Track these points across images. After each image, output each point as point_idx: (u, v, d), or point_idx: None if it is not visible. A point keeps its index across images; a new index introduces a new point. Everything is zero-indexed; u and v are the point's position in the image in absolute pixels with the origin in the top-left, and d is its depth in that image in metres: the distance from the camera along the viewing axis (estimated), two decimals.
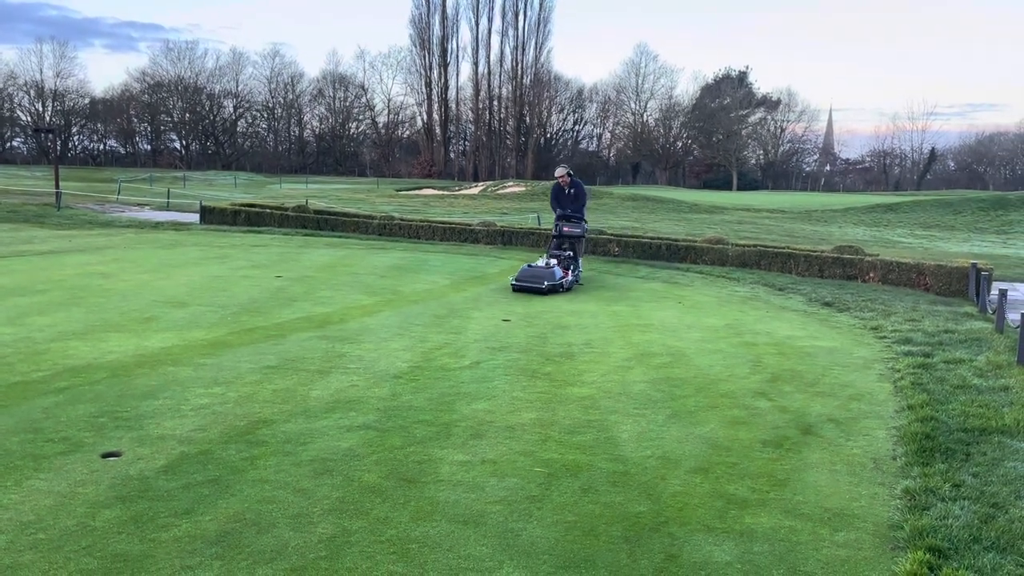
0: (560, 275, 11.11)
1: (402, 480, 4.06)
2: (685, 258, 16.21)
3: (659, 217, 32.29)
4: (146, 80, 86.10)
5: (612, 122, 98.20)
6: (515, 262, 15.73)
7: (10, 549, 3.15)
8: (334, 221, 22.04)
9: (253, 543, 3.29)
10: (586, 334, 8.25)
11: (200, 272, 12.21)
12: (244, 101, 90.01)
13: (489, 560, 3.23)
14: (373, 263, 14.67)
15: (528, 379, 6.28)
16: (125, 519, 3.47)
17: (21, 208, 24.81)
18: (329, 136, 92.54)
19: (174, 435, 4.60)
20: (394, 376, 6.24)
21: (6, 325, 7.49)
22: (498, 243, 18.91)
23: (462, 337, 7.91)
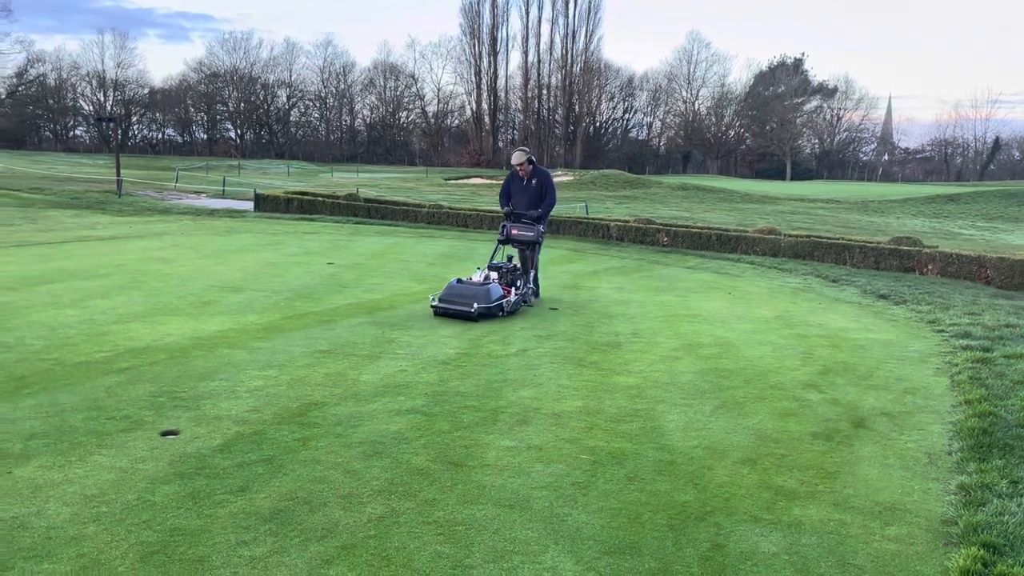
0: (498, 294, 8.17)
1: (449, 464, 4.12)
2: (736, 248, 15.99)
3: (709, 207, 31.87)
4: (203, 70, 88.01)
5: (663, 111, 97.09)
6: (562, 251, 15.71)
7: (74, 521, 3.29)
8: (384, 209, 22.28)
9: (305, 521, 3.38)
10: (633, 324, 8.21)
11: (254, 258, 12.48)
12: (297, 91, 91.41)
13: (535, 544, 3.26)
14: (422, 251, 14.80)
15: (574, 367, 6.29)
16: (183, 495, 3.59)
17: (84, 195, 25.64)
18: (379, 125, 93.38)
19: (230, 415, 4.74)
20: (442, 362, 6.30)
21: (70, 307, 7.78)
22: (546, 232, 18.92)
23: (509, 325, 7.95)
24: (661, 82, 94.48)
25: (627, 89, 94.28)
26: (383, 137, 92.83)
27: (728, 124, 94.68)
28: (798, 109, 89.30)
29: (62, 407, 4.72)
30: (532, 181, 9.31)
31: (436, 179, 54.52)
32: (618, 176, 47.19)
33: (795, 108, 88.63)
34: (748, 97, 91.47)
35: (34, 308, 7.66)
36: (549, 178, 9.39)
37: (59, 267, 10.60)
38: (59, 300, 8.13)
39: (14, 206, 21.15)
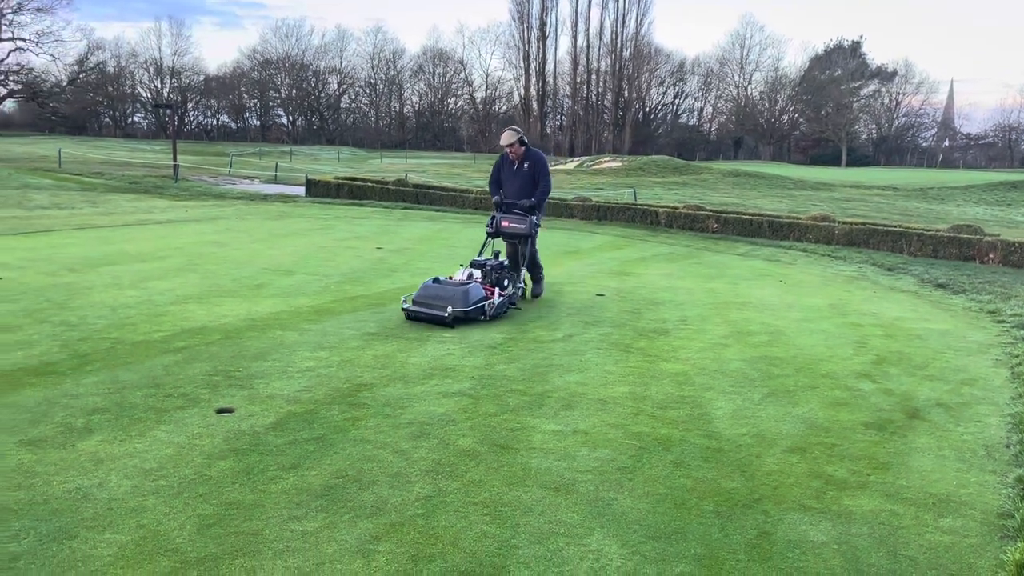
0: (478, 296, 7.06)
1: (495, 446, 4.15)
2: (788, 236, 15.70)
3: (761, 193, 31.31)
4: (256, 57, 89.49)
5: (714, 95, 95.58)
6: (609, 237, 15.62)
7: (135, 493, 3.41)
8: (432, 195, 22.42)
9: (354, 498, 3.45)
10: (681, 311, 8.14)
11: (306, 242, 12.69)
12: (347, 77, 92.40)
13: (580, 527, 3.28)
14: (469, 236, 14.86)
15: (621, 353, 6.27)
16: (238, 470, 3.70)
17: (142, 180, 26.34)
18: (428, 111, 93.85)
19: (282, 395, 4.85)
20: (488, 346, 6.34)
21: (130, 288, 8.02)
22: (593, 218, 18.81)
23: (555, 310, 7.95)
24: (713, 66, 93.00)
25: (678, 74, 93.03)
26: (431, 123, 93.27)
27: (782, 109, 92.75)
28: (855, 93, 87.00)
29: (123, 384, 4.89)
30: (524, 165, 8.24)
31: (483, 165, 54.60)
32: (667, 162, 46.64)
33: (852, 92, 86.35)
34: (803, 81, 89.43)
35: (96, 289, 7.93)
36: (543, 161, 8.32)
37: (119, 249, 10.93)
38: (119, 281, 8.39)
39: (76, 190, 21.84)
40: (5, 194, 19.40)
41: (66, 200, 18.95)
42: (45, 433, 4.04)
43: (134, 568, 2.80)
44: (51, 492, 3.37)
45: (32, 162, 32.24)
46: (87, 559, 2.84)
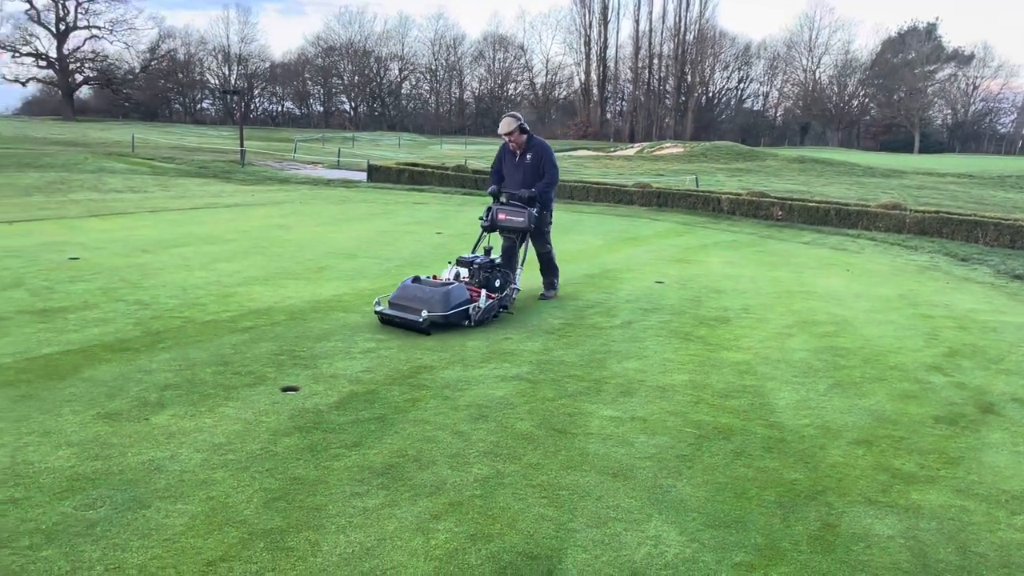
0: (460, 298, 6.18)
1: (553, 430, 4.16)
2: (856, 224, 15.26)
3: (828, 180, 30.47)
4: (319, 44, 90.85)
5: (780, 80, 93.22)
6: (670, 224, 15.43)
7: (204, 466, 3.53)
8: None
9: (414, 477, 3.50)
10: (744, 299, 8.00)
11: (367, 227, 12.88)
12: (409, 64, 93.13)
13: (638, 512, 3.27)
14: None
15: (680, 341, 6.20)
16: (302, 447, 3.79)
17: (211, 164, 27.07)
18: (488, 97, 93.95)
19: (344, 375, 4.94)
20: (546, 332, 6.34)
21: (200, 270, 8.27)
22: (653, 205, 18.60)
23: (614, 297, 7.90)
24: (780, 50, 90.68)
25: (743, 58, 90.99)
26: (491, 109, 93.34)
27: (851, 94, 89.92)
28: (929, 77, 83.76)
29: (193, 361, 5.05)
30: (527, 156, 7.30)
31: None
32: (730, 148, 45.73)
33: (926, 76, 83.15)
34: (874, 65, 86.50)
35: (167, 269, 8.20)
36: (548, 151, 7.34)
37: (189, 232, 11.27)
38: (189, 263, 8.66)
39: (148, 174, 22.58)
40: (82, 178, 20.18)
41: (139, 184, 19.61)
42: (121, 407, 4.21)
43: (204, 538, 2.90)
44: (126, 463, 3.52)
45: (107, 147, 33.44)
46: (160, 528, 2.96)
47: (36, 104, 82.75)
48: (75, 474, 3.37)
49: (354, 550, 2.86)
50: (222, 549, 2.82)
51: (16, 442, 3.68)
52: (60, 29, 73.45)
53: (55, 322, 5.88)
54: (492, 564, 2.82)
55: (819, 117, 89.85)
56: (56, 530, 2.90)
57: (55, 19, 72.99)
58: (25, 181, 18.63)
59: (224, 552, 2.80)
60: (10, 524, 2.92)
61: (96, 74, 77.82)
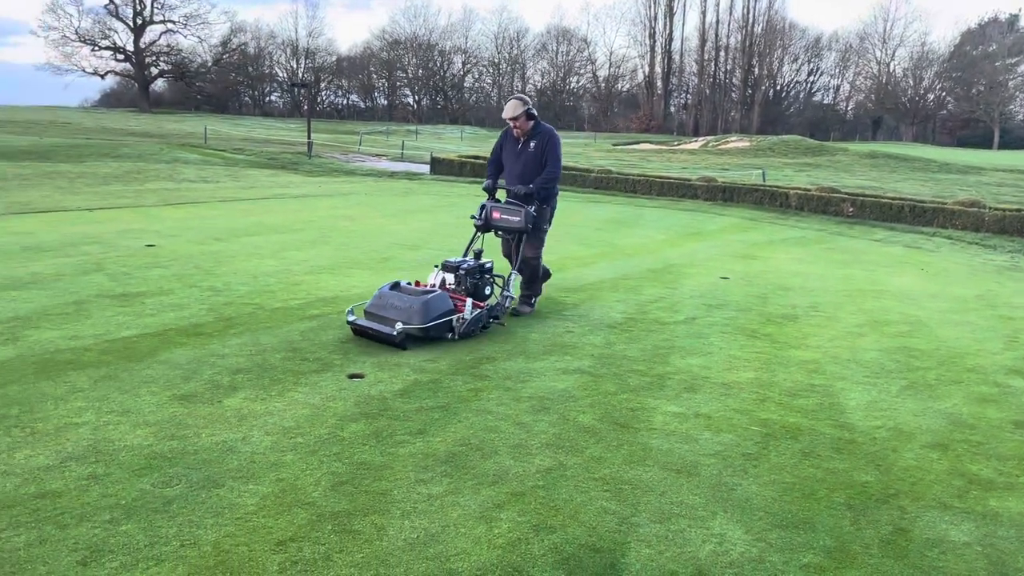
0: (442, 309, 5.49)
1: (615, 424, 4.14)
2: (931, 222, 14.74)
3: (902, 176, 29.48)
4: (385, 38, 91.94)
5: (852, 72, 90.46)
6: (735, 219, 15.16)
7: (275, 449, 3.63)
8: None
9: (477, 466, 3.53)
10: (812, 297, 7.81)
11: (430, 218, 13.01)
12: (472, 57, 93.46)
13: (702, 510, 3.23)
14: (589, 215, 14.80)
15: (746, 338, 6.09)
16: (368, 433, 3.86)
17: (279, 156, 27.70)
18: (549, 91, 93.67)
19: (408, 363, 5.01)
20: (608, 326, 6.31)
21: (270, 258, 8.48)
22: (718, 199, 18.30)
23: (677, 292, 7.81)
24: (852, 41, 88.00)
25: (813, 50, 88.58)
26: (552, 102, 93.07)
27: (927, 87, 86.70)
28: (1011, 70, 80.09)
29: (263, 347, 5.19)
30: (531, 143, 6.43)
31: (604, 144, 54.08)
32: (799, 142, 44.64)
33: (1008, 69, 79.53)
34: (952, 57, 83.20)
35: (239, 257, 8.43)
36: (554, 140, 6.44)
37: (259, 221, 11.56)
38: (260, 251, 8.88)
39: (220, 165, 23.24)
40: (157, 168, 20.89)
41: (211, 174, 20.20)
42: (195, 389, 4.35)
43: (275, 518, 2.98)
44: (200, 443, 3.63)
45: (180, 138, 34.54)
46: (233, 507, 3.05)
47: (113, 96, 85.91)
48: (152, 453, 3.50)
49: (419, 535, 2.90)
50: (292, 529, 2.89)
51: (97, 421, 3.84)
52: (137, 23, 76.06)
53: (133, 306, 6.11)
54: (555, 555, 2.82)
55: (892, 111, 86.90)
56: (135, 506, 3.02)
57: (132, 14, 75.62)
58: (104, 170, 19.38)
59: (294, 532, 2.87)
60: (92, 499, 3.05)
61: (170, 67, 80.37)
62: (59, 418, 3.84)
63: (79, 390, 4.23)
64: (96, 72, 78.47)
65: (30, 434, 3.63)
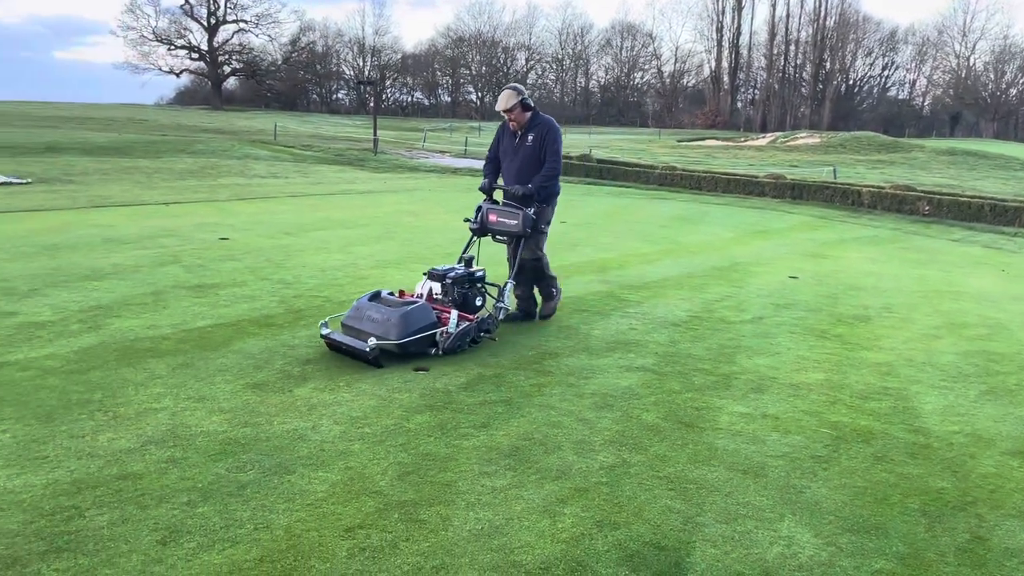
0: (423, 322, 4.96)
1: (680, 423, 4.10)
2: (1013, 221, 14.12)
3: (982, 174, 28.31)
4: (449, 35, 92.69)
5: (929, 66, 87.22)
6: (804, 217, 14.81)
7: (343, 438, 3.71)
8: (615, 170, 22.28)
9: (540, 461, 3.54)
10: (885, 298, 7.58)
11: None
12: (535, 53, 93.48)
13: (769, 511, 3.17)
14: (653, 212, 14.65)
15: (816, 339, 5.95)
16: (432, 425, 3.91)
17: (345, 152, 28.21)
18: (613, 87, 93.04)
19: (472, 358, 5.05)
20: (672, 324, 6.25)
21: (337, 252, 8.65)
22: (787, 197, 17.90)
23: (744, 291, 7.67)
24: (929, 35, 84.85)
25: (888, 43, 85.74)
26: (616, 98, 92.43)
27: (1010, 82, 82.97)
28: None
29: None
30: (528, 137, 5.82)
31: (669, 141, 53.42)
32: (872, 139, 43.29)
33: None
34: None
35: (307, 251, 8.63)
36: (553, 133, 5.82)
37: (326, 216, 11.81)
38: (327, 245, 9.07)
39: (289, 161, 23.79)
40: (229, 163, 21.51)
41: (280, 170, 20.71)
42: (267, 378, 4.47)
43: (344, 505, 3.05)
44: (272, 431, 3.74)
45: (251, 134, 35.48)
46: (303, 493, 3.13)
47: (187, 94, 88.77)
48: (227, 438, 3.62)
49: (483, 527, 2.93)
50: (360, 517, 2.96)
51: (175, 407, 3.99)
52: (211, 23, 78.51)
53: (208, 297, 6.31)
54: (619, 552, 2.81)
55: (972, 107, 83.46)
56: (211, 489, 3.12)
57: (207, 13, 78.10)
58: (180, 166, 20.06)
59: (362, 520, 2.93)
60: (171, 481, 3.18)
61: (242, 66, 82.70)
62: (139, 403, 4.00)
63: (158, 377, 4.40)
64: (172, 71, 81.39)
65: (112, 418, 3.80)
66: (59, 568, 2.53)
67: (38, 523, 2.79)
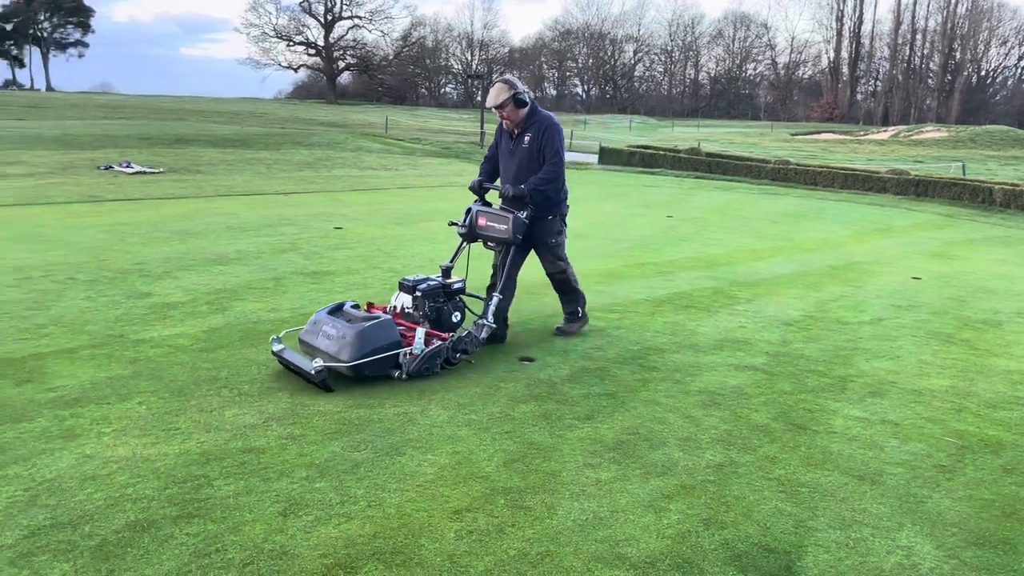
0: (382, 341, 4.28)
1: (791, 425, 3.98)
2: None
3: None
4: (557, 28, 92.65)
5: None
6: (929, 215, 14.04)
7: (451, 423, 3.80)
8: (725, 164, 21.73)
9: (645, 456, 3.52)
10: (1019, 302, 7.11)
11: (597, 208, 13.02)
12: (644, 45, 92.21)
13: (887, 520, 3.04)
14: (765, 208, 14.22)
15: (940, 343, 5.64)
16: (537, 414, 3.95)
17: (453, 146, 28.69)
18: (724, 78, 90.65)
19: (576, 350, 5.06)
20: (784, 323, 6.06)
21: (443, 243, 8.82)
22: (910, 194, 16.99)
23: (862, 291, 7.35)
24: None
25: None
26: (727, 91, 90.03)
27: None
28: None
29: None
30: (525, 138, 5.06)
31: (781, 134, 51.61)
32: (1005, 133, 40.47)
33: None
34: None
35: (416, 241, 8.85)
36: (553, 131, 5.04)
37: (435, 208, 12.06)
38: (436, 236, 9.27)
39: (400, 154, 24.41)
40: (343, 156, 22.27)
41: (391, 162, 21.28)
42: None
43: (451, 488, 3.12)
44: (384, 413, 3.87)
45: (363, 128, 36.58)
46: (413, 474, 3.23)
47: (303, 89, 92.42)
48: (342, 419, 3.77)
49: (588, 518, 2.94)
50: (467, 500, 3.02)
51: (294, 386, 4.18)
52: (327, 20, 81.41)
53: (324, 283, 6.58)
54: (726, 551, 2.77)
55: None
56: (327, 466, 3.27)
57: (323, 10, 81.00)
58: (297, 158, 20.92)
59: (469, 503, 3.00)
60: (290, 456, 3.34)
61: (355, 61, 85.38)
62: (261, 382, 4.22)
63: None
64: (290, 66, 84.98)
65: (237, 395, 4.02)
66: (190, 532, 2.71)
67: (171, 489, 3.00)
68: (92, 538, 2.64)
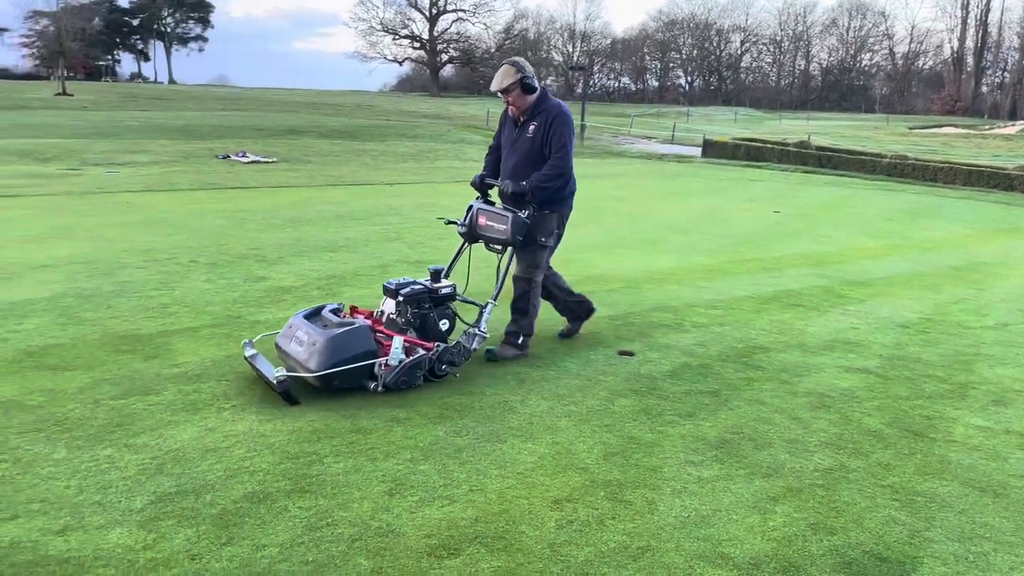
0: (353, 350, 3.86)
1: (907, 431, 3.81)
2: None
3: None
4: (661, 19, 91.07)
5: None
6: None
7: (550, 413, 3.82)
8: (837, 159, 20.89)
9: (750, 456, 3.44)
10: None
11: (700, 202, 12.76)
12: (752, 35, 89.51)
13: (1011, 535, 2.87)
14: (879, 205, 13.60)
15: None
16: (637, 409, 3.92)
17: None
18: (836, 69, 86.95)
19: (677, 346, 4.99)
20: (900, 325, 5.79)
21: None
22: None
23: (986, 293, 6.94)
24: None
25: None
26: (839, 82, 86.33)
27: None
28: None
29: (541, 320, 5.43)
30: (530, 127, 4.59)
31: (898, 128, 49.13)
32: None
33: None
34: None
35: None
36: (562, 121, 4.56)
37: None
38: None
39: None
40: (445, 148, 22.64)
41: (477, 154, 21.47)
42: (478, 352, 4.67)
43: (551, 477, 3.14)
44: (485, 400, 3.93)
45: (465, 120, 37.05)
46: (514, 462, 3.27)
47: (407, 81, 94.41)
48: (445, 404, 3.85)
49: (689, 515, 2.90)
50: (567, 491, 3.04)
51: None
52: (432, 13, 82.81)
53: (424, 274, 6.70)
54: (835, 557, 2.68)
55: None
56: (431, 449, 3.35)
57: (428, 4, 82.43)
58: (401, 149, 21.42)
59: (569, 493, 3.02)
60: (396, 438, 3.44)
61: (458, 54, 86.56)
62: None
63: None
64: (395, 59, 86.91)
65: None
66: (302, 506, 2.83)
67: (285, 464, 3.14)
68: (213, 507, 2.80)
